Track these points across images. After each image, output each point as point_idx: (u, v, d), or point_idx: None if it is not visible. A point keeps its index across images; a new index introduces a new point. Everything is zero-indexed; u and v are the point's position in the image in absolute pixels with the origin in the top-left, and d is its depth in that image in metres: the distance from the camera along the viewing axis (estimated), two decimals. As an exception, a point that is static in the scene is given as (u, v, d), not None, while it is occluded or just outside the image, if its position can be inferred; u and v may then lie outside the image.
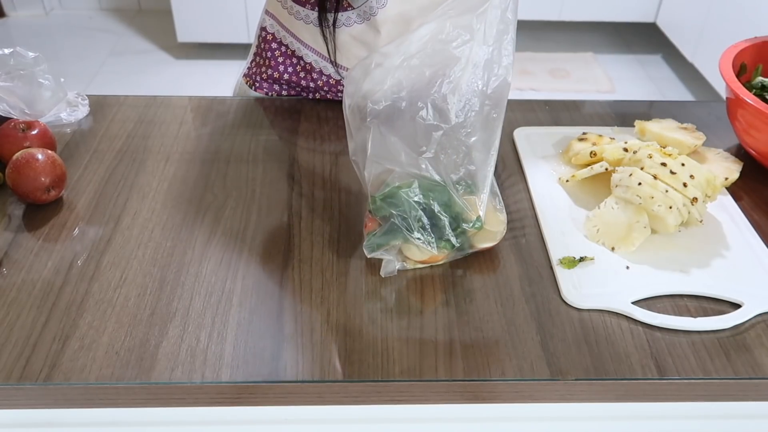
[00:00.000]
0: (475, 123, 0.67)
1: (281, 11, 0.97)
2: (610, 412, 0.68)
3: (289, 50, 0.98)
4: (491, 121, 0.67)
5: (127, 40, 3.08)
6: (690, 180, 0.74)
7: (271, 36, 0.99)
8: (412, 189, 0.67)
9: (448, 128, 0.66)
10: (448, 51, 0.65)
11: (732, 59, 0.88)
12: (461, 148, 0.67)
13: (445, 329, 0.64)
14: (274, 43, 0.99)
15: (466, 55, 0.65)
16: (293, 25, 0.96)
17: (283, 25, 0.97)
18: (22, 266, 0.69)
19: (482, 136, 0.67)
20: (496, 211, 0.72)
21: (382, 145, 0.67)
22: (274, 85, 1.01)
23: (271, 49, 0.99)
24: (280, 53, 0.99)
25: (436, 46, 0.65)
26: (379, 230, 0.68)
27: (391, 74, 0.65)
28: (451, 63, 0.65)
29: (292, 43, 0.97)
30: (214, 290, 0.67)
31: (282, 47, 0.98)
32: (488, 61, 0.66)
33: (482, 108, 0.66)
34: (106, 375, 0.59)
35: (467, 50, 0.65)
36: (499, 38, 0.65)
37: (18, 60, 0.89)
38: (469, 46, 0.65)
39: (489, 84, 0.66)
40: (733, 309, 0.67)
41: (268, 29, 0.99)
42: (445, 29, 0.65)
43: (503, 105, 0.67)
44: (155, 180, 0.82)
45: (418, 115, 0.66)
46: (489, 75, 0.66)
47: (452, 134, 0.67)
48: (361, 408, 0.64)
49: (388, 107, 0.65)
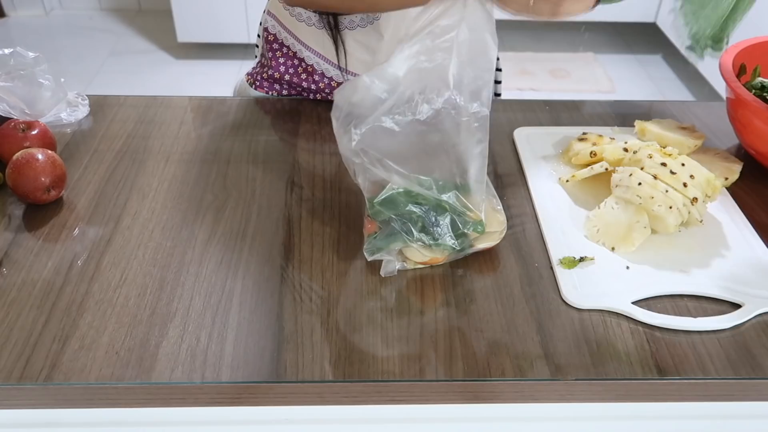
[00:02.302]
0: (462, 133, 0.67)
1: (283, 12, 0.97)
2: (610, 412, 0.68)
3: (291, 51, 0.98)
4: (478, 130, 0.67)
5: (127, 40, 3.08)
6: (690, 180, 0.74)
7: (273, 37, 0.99)
8: (411, 194, 0.67)
9: (438, 139, 0.67)
10: (433, 70, 0.65)
11: (732, 59, 0.88)
12: (453, 156, 0.68)
13: (445, 329, 0.64)
14: (275, 44, 0.99)
15: (450, 71, 0.66)
16: (295, 27, 0.96)
17: (284, 26, 0.97)
18: (22, 266, 0.69)
19: (471, 145, 0.68)
20: (495, 212, 0.72)
21: (372, 159, 0.67)
22: (275, 84, 1.01)
23: (272, 49, 0.99)
24: (281, 54, 0.99)
25: (422, 65, 0.65)
26: (379, 234, 0.68)
27: (379, 97, 0.65)
28: (437, 78, 0.65)
29: (294, 45, 0.97)
30: (214, 290, 0.67)
31: (283, 48, 0.98)
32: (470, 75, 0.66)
33: (469, 118, 0.67)
34: (106, 375, 0.59)
35: (451, 67, 0.66)
36: (479, 54, 0.67)
37: (18, 60, 0.89)
38: (453, 62, 0.66)
39: (472, 87, 0.66)
40: (733, 309, 0.67)
41: (270, 30, 0.99)
42: (428, 48, 0.66)
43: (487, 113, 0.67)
44: (155, 180, 0.82)
45: (405, 132, 0.66)
46: (473, 86, 0.67)
47: (443, 144, 0.67)
48: (361, 408, 0.64)
49: (373, 129, 0.66)
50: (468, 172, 0.68)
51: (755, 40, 0.92)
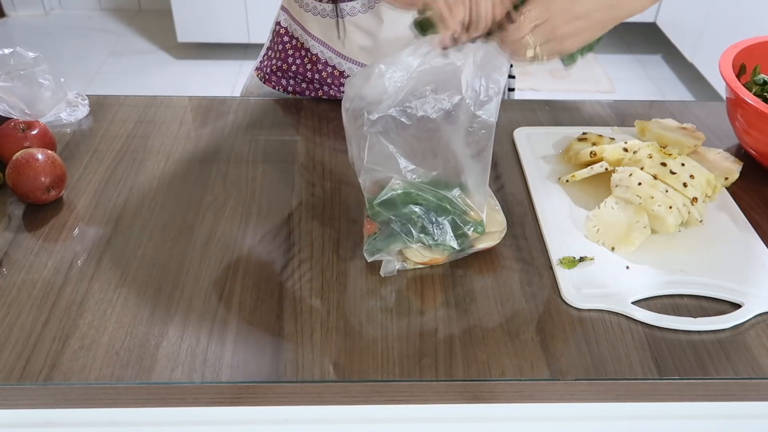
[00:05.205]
0: (468, 137, 0.67)
1: (293, 5, 1.00)
2: (610, 412, 0.68)
3: (299, 43, 1.01)
4: (484, 137, 0.68)
5: (127, 40, 3.08)
6: (690, 180, 0.74)
7: (284, 30, 1.02)
8: (411, 195, 0.67)
9: (445, 139, 0.67)
10: (447, 67, 0.65)
11: (732, 59, 0.88)
12: (457, 158, 0.68)
13: (445, 329, 0.64)
14: (286, 37, 1.02)
15: (464, 75, 0.66)
16: (303, 17, 0.99)
17: (295, 18, 1.01)
18: (22, 266, 0.69)
19: (476, 147, 0.68)
20: (495, 212, 0.72)
21: (378, 153, 0.67)
22: (282, 78, 1.03)
23: (282, 42, 1.03)
24: (290, 46, 1.02)
25: (436, 63, 0.66)
26: (379, 234, 0.69)
27: (392, 86, 0.65)
28: (450, 78, 0.65)
29: (302, 36, 1.00)
30: (214, 290, 0.67)
31: (293, 40, 1.01)
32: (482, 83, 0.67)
33: (476, 125, 0.67)
34: (106, 375, 0.59)
35: (465, 71, 0.66)
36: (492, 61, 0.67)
37: (18, 60, 0.89)
38: (467, 66, 0.66)
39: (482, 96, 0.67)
40: (733, 309, 0.67)
41: (282, 23, 1.03)
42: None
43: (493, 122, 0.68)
44: (155, 180, 0.82)
45: (414, 126, 0.66)
46: (482, 89, 0.67)
47: (448, 145, 0.67)
48: (361, 408, 0.64)
49: (386, 116, 0.66)
50: (471, 174, 0.69)
51: (755, 40, 0.92)
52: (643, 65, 3.00)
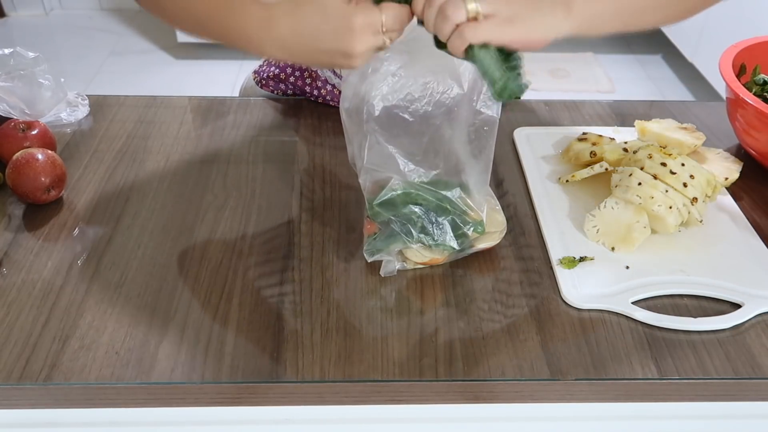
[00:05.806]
0: (470, 135, 0.67)
1: None
2: (610, 412, 0.68)
3: None
4: (487, 134, 0.67)
5: (127, 40, 3.08)
6: (690, 180, 0.74)
7: None
8: (410, 195, 0.67)
9: (446, 136, 0.67)
10: (443, 58, 0.65)
11: (732, 59, 0.88)
12: (458, 156, 0.68)
13: (445, 329, 0.64)
14: None
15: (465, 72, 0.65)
16: None
17: None
18: (22, 266, 0.69)
19: (477, 144, 0.68)
20: (495, 212, 0.72)
21: (378, 152, 0.67)
22: (280, 84, 1.02)
23: None
24: (290, 63, 0.99)
25: (433, 52, 0.65)
26: (379, 234, 0.68)
27: (388, 78, 0.65)
28: (447, 70, 0.65)
29: None
30: (214, 290, 0.67)
31: None
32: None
33: (478, 121, 0.67)
34: (106, 375, 0.59)
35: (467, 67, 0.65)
36: None
37: (18, 60, 0.89)
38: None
39: (484, 91, 0.66)
40: (733, 309, 0.67)
41: None
42: None
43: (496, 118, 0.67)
44: (155, 180, 0.82)
45: (415, 123, 0.66)
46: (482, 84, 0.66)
47: (449, 142, 0.67)
48: (361, 408, 0.64)
49: (385, 114, 0.65)
50: (472, 173, 0.68)
51: (755, 40, 0.92)
52: (643, 65, 3.00)
